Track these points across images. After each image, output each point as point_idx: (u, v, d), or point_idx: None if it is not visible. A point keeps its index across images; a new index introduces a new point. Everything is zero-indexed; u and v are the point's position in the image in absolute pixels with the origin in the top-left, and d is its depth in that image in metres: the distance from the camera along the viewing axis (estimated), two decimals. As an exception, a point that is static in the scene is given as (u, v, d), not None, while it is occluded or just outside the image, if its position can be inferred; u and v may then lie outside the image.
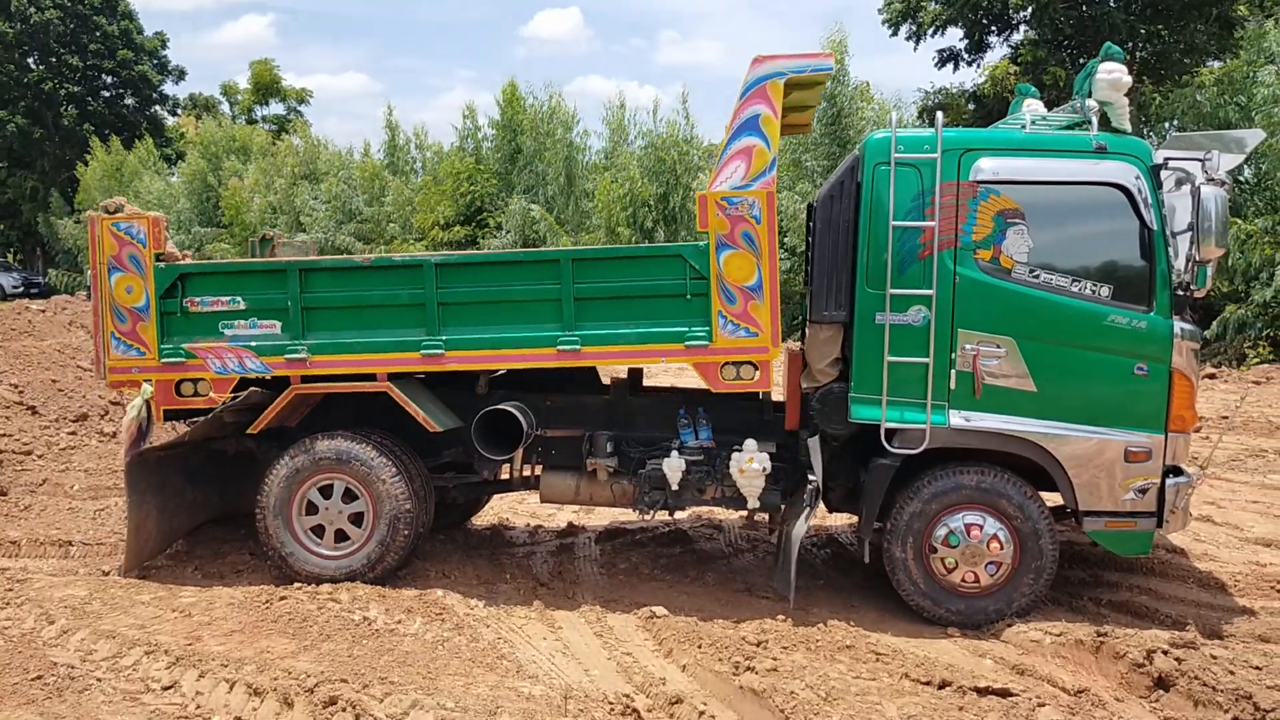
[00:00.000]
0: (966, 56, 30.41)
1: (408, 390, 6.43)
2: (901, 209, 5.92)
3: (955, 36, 30.05)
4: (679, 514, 7.49)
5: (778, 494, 6.61)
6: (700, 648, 5.50)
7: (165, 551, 7.10)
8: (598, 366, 6.67)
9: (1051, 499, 6.15)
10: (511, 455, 6.77)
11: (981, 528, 5.98)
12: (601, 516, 8.48)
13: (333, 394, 6.59)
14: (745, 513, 6.92)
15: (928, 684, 5.07)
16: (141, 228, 6.44)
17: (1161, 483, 5.93)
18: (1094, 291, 5.86)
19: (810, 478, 6.24)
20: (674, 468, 6.50)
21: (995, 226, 5.88)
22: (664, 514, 6.97)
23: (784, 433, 6.55)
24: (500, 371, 6.83)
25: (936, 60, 31.01)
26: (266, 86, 50.74)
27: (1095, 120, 5.98)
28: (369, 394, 6.48)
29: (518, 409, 6.49)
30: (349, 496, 6.54)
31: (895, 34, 30.47)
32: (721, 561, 7.45)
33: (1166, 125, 22.88)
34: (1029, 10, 27.08)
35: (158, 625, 5.79)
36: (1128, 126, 6.06)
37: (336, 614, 5.88)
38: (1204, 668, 5.03)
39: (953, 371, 5.93)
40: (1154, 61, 26.22)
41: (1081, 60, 24.16)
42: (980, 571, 6.01)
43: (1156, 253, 5.80)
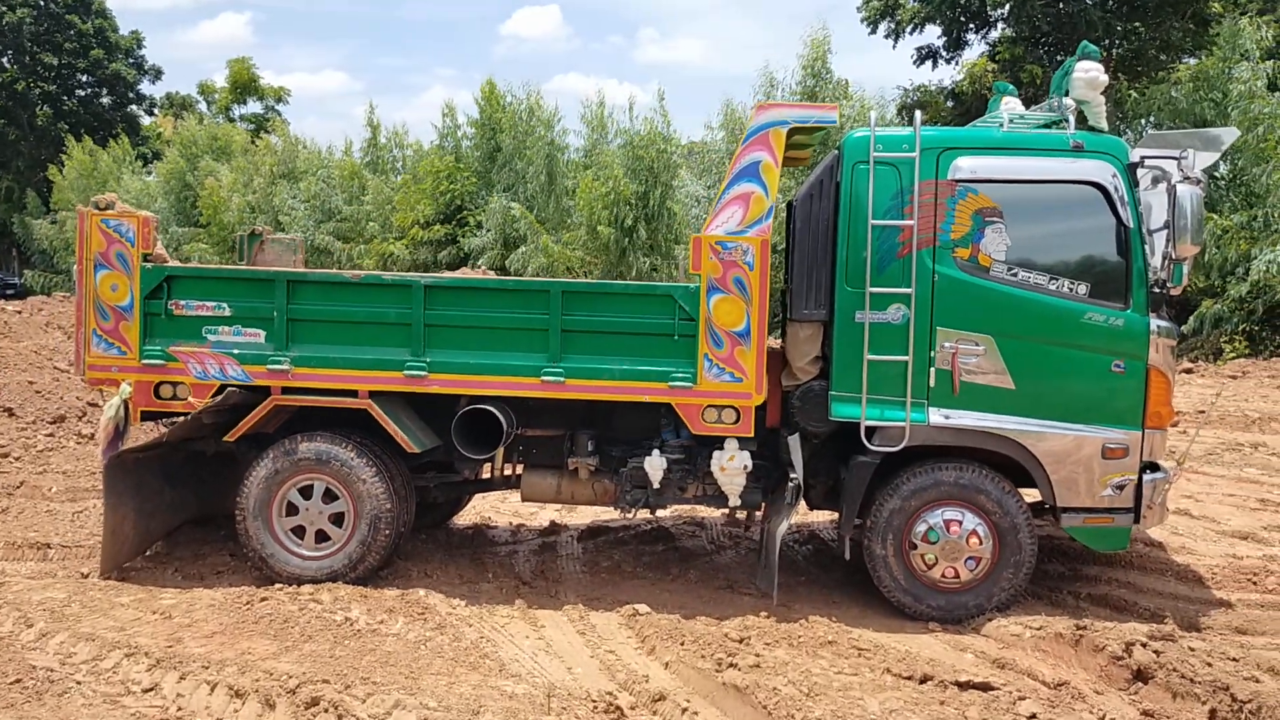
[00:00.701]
0: (945, 54, 30.64)
1: (388, 408, 6.39)
2: (880, 208, 5.95)
3: (934, 34, 30.32)
4: (661, 511, 7.51)
5: (759, 492, 6.63)
6: (683, 645, 5.50)
7: (143, 553, 7.05)
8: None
9: (1030, 495, 6.20)
10: (492, 454, 6.75)
11: (961, 523, 6.02)
12: (583, 515, 8.46)
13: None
14: (727, 510, 6.95)
15: (909, 679, 5.10)
16: (131, 226, 6.39)
17: (1139, 479, 6.00)
18: (1071, 289, 5.91)
19: (791, 475, 6.27)
20: (655, 466, 6.50)
21: (974, 225, 5.92)
22: (646, 512, 6.98)
23: (764, 431, 6.58)
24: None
25: (915, 58, 31.23)
26: (244, 85, 50.31)
27: (1072, 119, 6.03)
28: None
29: (498, 407, 6.49)
30: (329, 497, 6.50)
31: (874, 32, 30.64)
32: (704, 559, 7.46)
33: (1143, 122, 23.10)
34: (1006, 8, 27.30)
35: (138, 627, 5.74)
36: (1104, 125, 6.12)
37: (318, 615, 5.85)
38: (1182, 660, 5.07)
39: (932, 369, 5.96)
40: (1130, 58, 26.48)
41: (1059, 57, 24.32)
42: (960, 567, 6.05)
43: (1133, 250, 5.86)
